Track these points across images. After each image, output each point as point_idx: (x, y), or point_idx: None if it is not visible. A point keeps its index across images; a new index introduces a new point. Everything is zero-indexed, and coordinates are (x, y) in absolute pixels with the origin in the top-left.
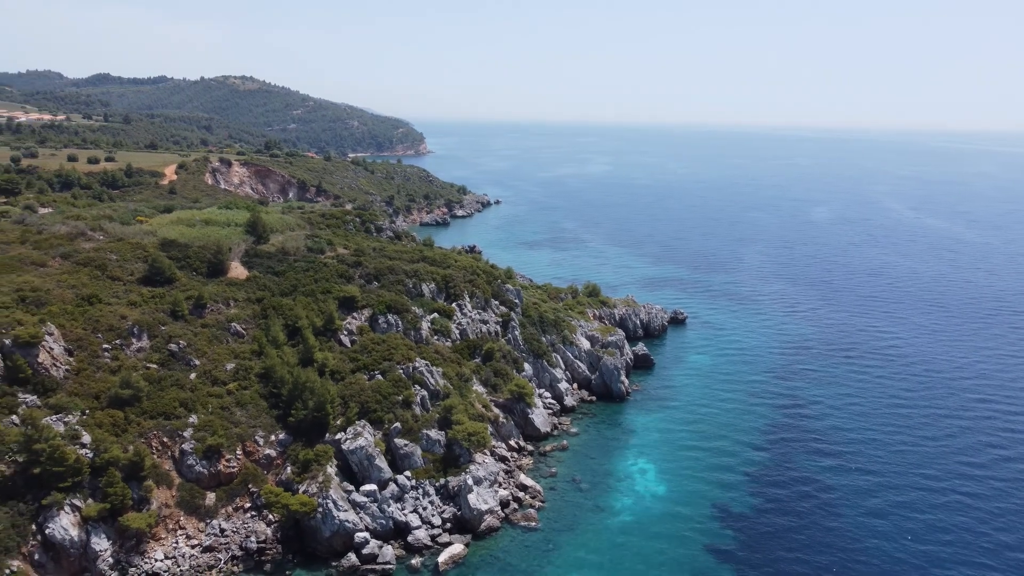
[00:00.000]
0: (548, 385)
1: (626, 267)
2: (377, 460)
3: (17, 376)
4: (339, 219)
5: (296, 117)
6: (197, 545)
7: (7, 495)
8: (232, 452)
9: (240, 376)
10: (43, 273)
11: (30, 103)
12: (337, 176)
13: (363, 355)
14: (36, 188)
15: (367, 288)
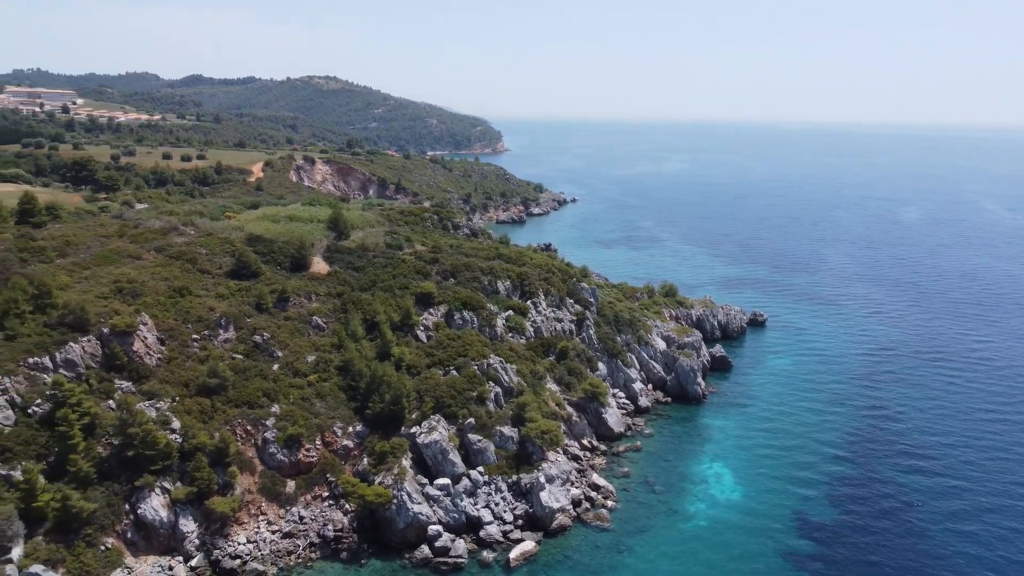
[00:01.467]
0: (622, 385)
1: (704, 267)
2: (451, 455)
3: (114, 363)
4: (417, 216)
5: (377, 116)
6: (277, 531)
7: (103, 476)
8: (312, 442)
9: (320, 368)
10: (139, 266)
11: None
12: (416, 174)
13: (439, 350)
14: (133, 185)
15: (443, 285)
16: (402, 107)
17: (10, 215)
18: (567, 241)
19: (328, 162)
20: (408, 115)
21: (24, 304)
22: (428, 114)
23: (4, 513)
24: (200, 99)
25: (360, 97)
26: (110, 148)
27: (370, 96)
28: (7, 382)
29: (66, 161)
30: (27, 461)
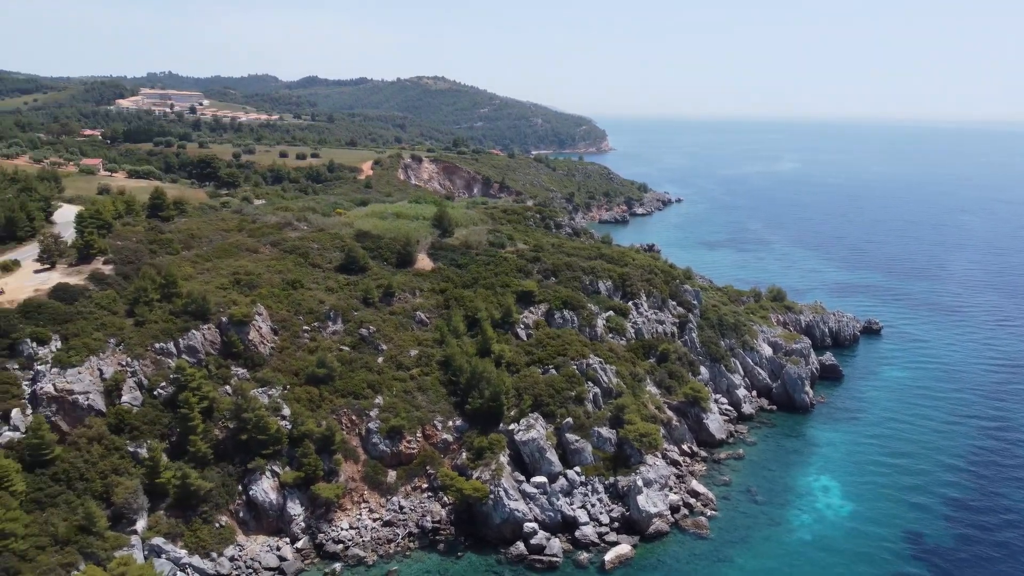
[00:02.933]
0: (725, 391)
1: (814, 271)
2: (548, 453)
3: (231, 350)
4: (520, 215)
5: (482, 115)
6: (378, 519)
7: (219, 457)
8: (413, 434)
9: (422, 362)
10: (255, 258)
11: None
12: (520, 173)
13: (538, 349)
14: (252, 182)
15: (544, 283)
16: (507, 106)
17: (142, 209)
18: (671, 242)
19: (434, 161)
20: (513, 114)
21: (153, 293)
22: (533, 113)
23: (131, 487)
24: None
25: (467, 97)
26: (232, 147)
27: (476, 96)
28: (136, 365)
29: (192, 159)
30: (152, 440)
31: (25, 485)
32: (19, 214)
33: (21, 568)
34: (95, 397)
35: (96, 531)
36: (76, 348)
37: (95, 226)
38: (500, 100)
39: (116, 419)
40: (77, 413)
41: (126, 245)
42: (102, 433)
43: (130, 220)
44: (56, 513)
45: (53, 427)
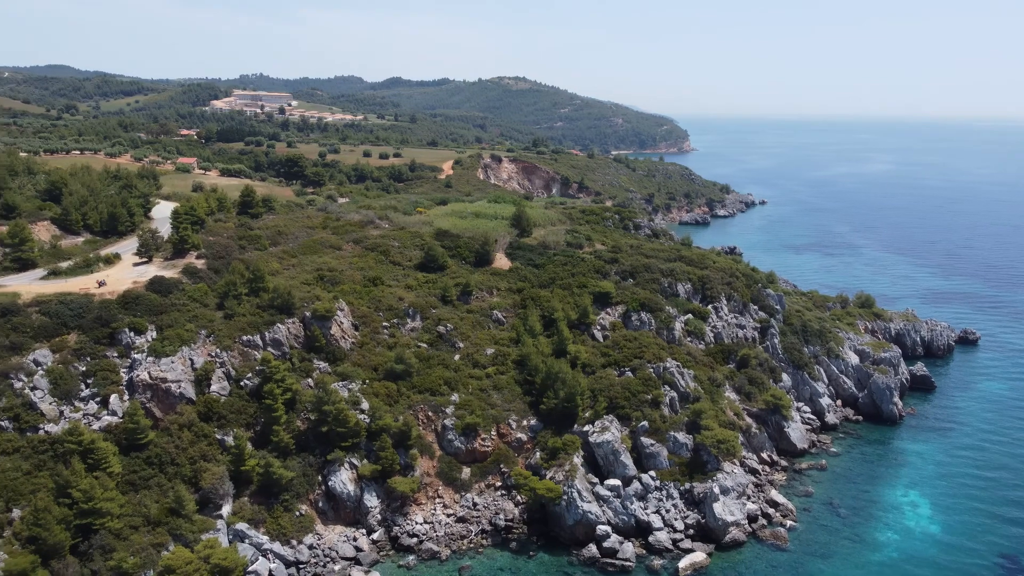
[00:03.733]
0: (808, 399)
1: (906, 277)
2: (622, 456)
3: (314, 344)
4: (598, 215)
5: (563, 115)
6: (452, 515)
7: (300, 447)
8: (487, 432)
9: (498, 361)
10: (338, 255)
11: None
12: (599, 173)
13: (614, 350)
14: (337, 180)
15: (622, 284)
16: (588, 106)
17: (233, 206)
18: (753, 245)
19: (514, 160)
20: (593, 114)
21: (241, 287)
22: (613, 113)
23: (218, 473)
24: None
25: (547, 96)
26: (318, 146)
27: (557, 96)
28: (225, 356)
29: (280, 158)
30: (238, 428)
31: (121, 467)
32: (120, 210)
33: (116, 546)
34: (186, 386)
35: (185, 514)
36: (170, 338)
37: (189, 222)
38: (581, 100)
39: (205, 407)
40: (170, 400)
41: (217, 240)
42: (192, 420)
43: (222, 216)
44: (148, 495)
45: (147, 413)
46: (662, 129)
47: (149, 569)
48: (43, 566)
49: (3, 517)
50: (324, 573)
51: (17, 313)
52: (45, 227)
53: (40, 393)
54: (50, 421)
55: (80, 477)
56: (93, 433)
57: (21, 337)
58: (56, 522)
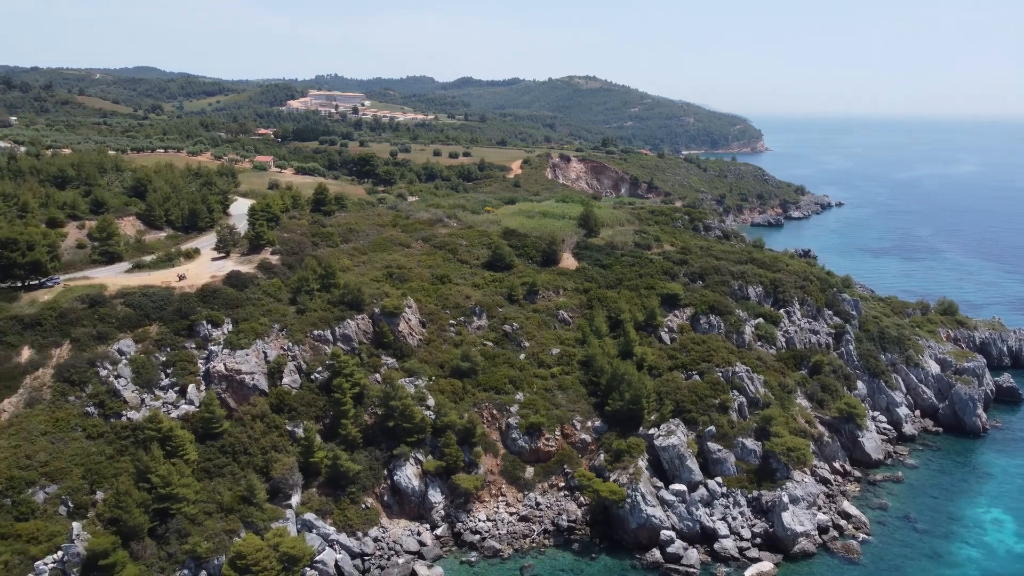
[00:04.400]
0: (884, 408)
1: (993, 284)
2: (688, 461)
3: (382, 340)
4: (667, 216)
5: (633, 114)
6: (515, 513)
7: (367, 441)
8: (552, 432)
9: (563, 361)
10: (407, 253)
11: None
12: (669, 173)
13: (682, 353)
14: (407, 179)
15: (691, 287)
16: (659, 105)
17: (306, 204)
18: (828, 248)
19: (583, 160)
20: (664, 113)
21: (313, 283)
22: (685, 112)
23: (288, 464)
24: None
25: (617, 96)
26: (390, 145)
27: (627, 95)
28: (296, 350)
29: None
30: (308, 421)
31: (197, 455)
32: (200, 207)
33: (191, 530)
34: (259, 378)
35: (256, 502)
36: (245, 331)
37: (265, 219)
38: (651, 99)
39: (277, 399)
40: (244, 391)
41: (291, 237)
42: (264, 411)
43: (296, 214)
44: (222, 483)
45: (222, 403)
46: (735, 128)
47: (221, 554)
48: (123, 547)
49: (88, 499)
50: (388, 566)
51: (104, 304)
52: (131, 222)
53: (123, 381)
54: (132, 408)
55: (159, 463)
56: (171, 421)
57: (107, 327)
58: (136, 505)
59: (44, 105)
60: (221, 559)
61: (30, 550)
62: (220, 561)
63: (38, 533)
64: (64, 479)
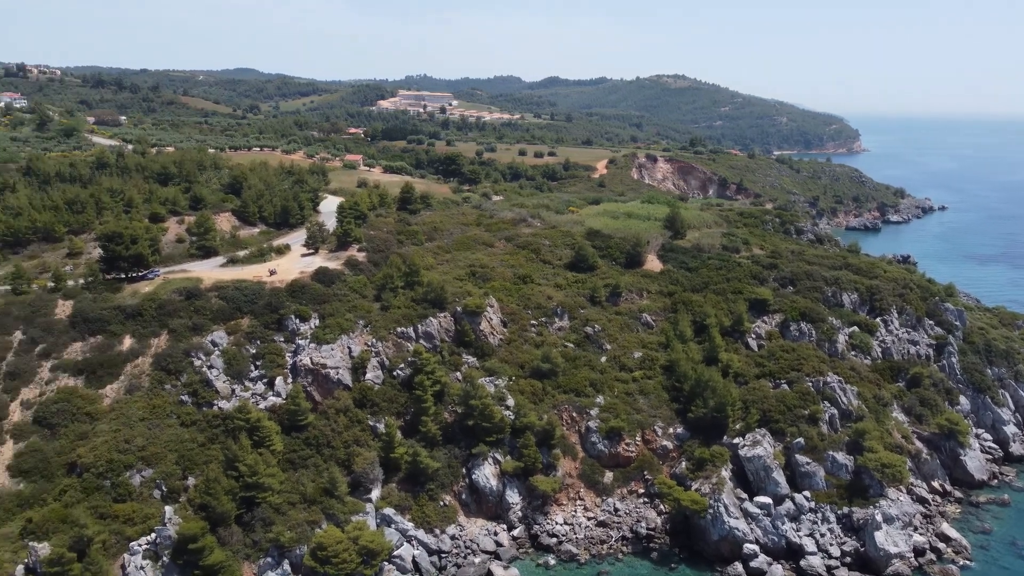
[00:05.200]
0: (989, 426)
1: None
2: (774, 473)
3: (463, 339)
4: (757, 218)
5: (723, 114)
6: (592, 518)
7: (447, 439)
8: (632, 437)
9: (646, 365)
10: (490, 252)
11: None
12: (759, 174)
13: (770, 361)
14: (492, 178)
15: (781, 292)
16: (749, 104)
17: (393, 203)
18: (929, 254)
19: (670, 160)
20: (755, 112)
21: (398, 280)
22: (777, 112)
23: (369, 458)
24: (555, 99)
25: (706, 95)
26: (476, 144)
27: (716, 94)
28: (380, 346)
29: (439, 156)
30: (389, 417)
31: (282, 446)
32: (292, 204)
33: (275, 520)
34: (344, 372)
35: (337, 495)
36: (331, 327)
37: (353, 216)
38: (742, 98)
39: (360, 394)
40: (328, 385)
41: (378, 235)
42: (348, 406)
43: (382, 212)
44: (305, 474)
45: (308, 396)
46: (830, 128)
47: (303, 544)
48: (211, 532)
49: (180, 484)
50: (464, 564)
51: (199, 297)
52: (226, 218)
53: (216, 372)
54: (223, 398)
55: (246, 452)
56: (259, 412)
57: (202, 319)
58: (224, 493)
59: (151, 105)
60: (303, 549)
61: (126, 531)
62: (302, 551)
63: (134, 515)
64: (159, 464)
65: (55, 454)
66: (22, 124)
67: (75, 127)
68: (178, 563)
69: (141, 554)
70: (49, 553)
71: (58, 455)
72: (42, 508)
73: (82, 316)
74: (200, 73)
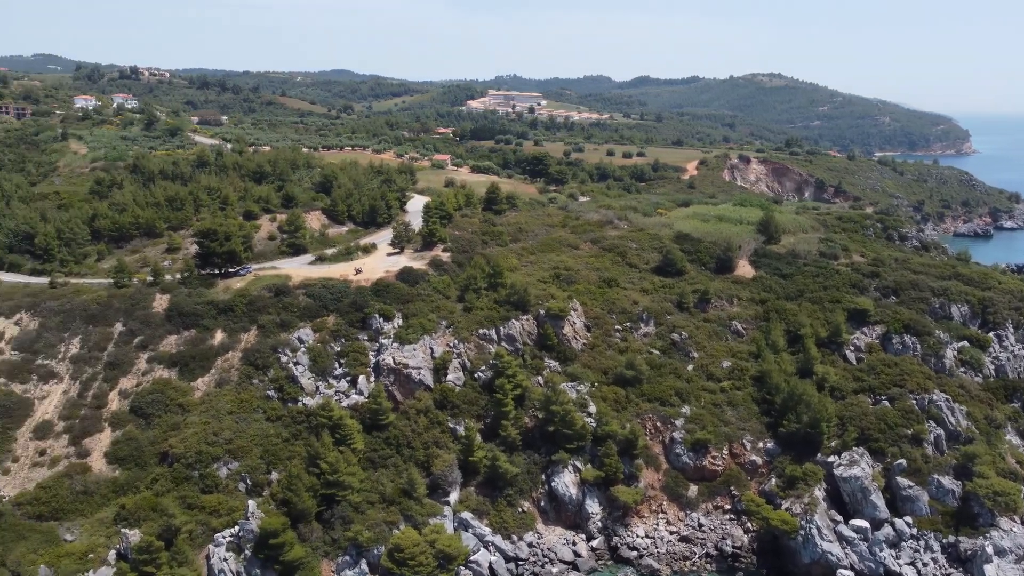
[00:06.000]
0: None
1: None
2: (873, 495)
3: (545, 343)
4: (857, 223)
5: (820, 113)
6: (675, 533)
7: (526, 444)
8: (719, 450)
9: (735, 376)
10: (575, 255)
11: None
12: (859, 176)
13: (869, 375)
14: (579, 179)
15: (882, 302)
16: (849, 104)
17: (478, 203)
18: None
19: (763, 161)
20: (855, 112)
21: (481, 281)
22: (879, 111)
23: (448, 461)
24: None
25: (803, 94)
26: (563, 144)
27: (814, 92)
28: (461, 348)
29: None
30: (469, 419)
31: (363, 444)
32: (379, 203)
33: (354, 518)
34: (425, 373)
35: (416, 496)
36: (413, 327)
37: (438, 216)
38: (841, 97)
39: (441, 395)
40: (410, 386)
41: (462, 235)
42: (428, 407)
43: (468, 212)
44: (385, 474)
45: (389, 396)
46: (937, 129)
47: (381, 545)
48: (291, 528)
49: (264, 478)
50: (542, 573)
51: (288, 294)
52: (316, 216)
53: (301, 368)
54: (307, 395)
55: (328, 450)
56: (342, 410)
57: (290, 316)
58: (305, 490)
59: (251, 106)
60: (380, 549)
61: (212, 522)
62: (379, 551)
63: (219, 506)
64: (245, 457)
65: (149, 443)
66: (132, 124)
67: (179, 127)
68: (260, 557)
69: (225, 546)
70: (139, 540)
71: (151, 444)
72: (135, 496)
73: (177, 310)
74: (298, 74)
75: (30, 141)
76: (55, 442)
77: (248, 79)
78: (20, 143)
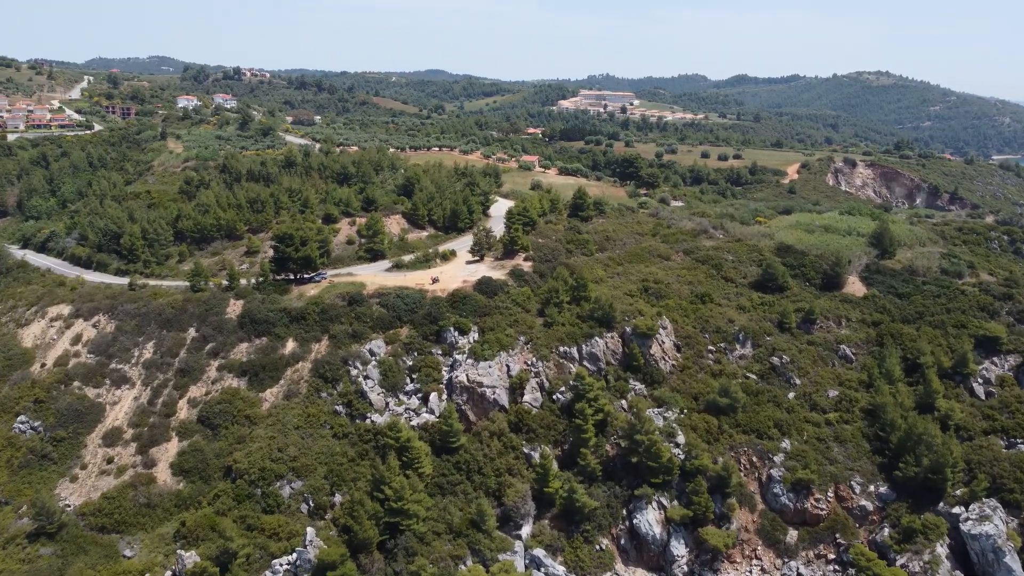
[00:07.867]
0: None
1: None
2: (1007, 557)
3: (631, 363)
4: (980, 235)
5: (932, 114)
6: None
7: (607, 475)
8: (823, 492)
9: (843, 407)
10: (666, 266)
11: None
12: (978, 182)
13: (1002, 414)
14: (671, 182)
15: (1016, 328)
16: (964, 103)
17: (564, 208)
18: None
19: (871, 165)
20: (971, 112)
21: (563, 294)
22: (998, 111)
23: (521, 491)
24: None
25: (914, 93)
26: (655, 146)
27: (926, 92)
28: (540, 366)
29: (617, 157)
30: (545, 445)
31: (431, 469)
32: (461, 207)
33: (418, 550)
34: (501, 392)
35: (485, 529)
36: (490, 342)
37: (521, 223)
38: (955, 96)
39: (516, 417)
40: (484, 406)
41: (546, 243)
42: (502, 429)
43: (552, 218)
44: (453, 502)
45: (461, 416)
46: None
47: None
48: (352, 558)
49: (327, 500)
50: None
51: (362, 303)
52: (396, 220)
53: (371, 383)
54: (376, 411)
55: (394, 475)
56: (410, 431)
57: (362, 326)
58: (367, 517)
59: (346, 105)
60: None
61: (270, 546)
62: None
63: (279, 529)
64: (308, 477)
65: (214, 456)
66: (227, 123)
67: (272, 126)
68: None
69: (282, 574)
70: (194, 565)
71: (216, 457)
72: (196, 512)
73: (250, 317)
74: (393, 75)
75: (132, 140)
76: (123, 450)
77: (345, 79)
78: (123, 142)
